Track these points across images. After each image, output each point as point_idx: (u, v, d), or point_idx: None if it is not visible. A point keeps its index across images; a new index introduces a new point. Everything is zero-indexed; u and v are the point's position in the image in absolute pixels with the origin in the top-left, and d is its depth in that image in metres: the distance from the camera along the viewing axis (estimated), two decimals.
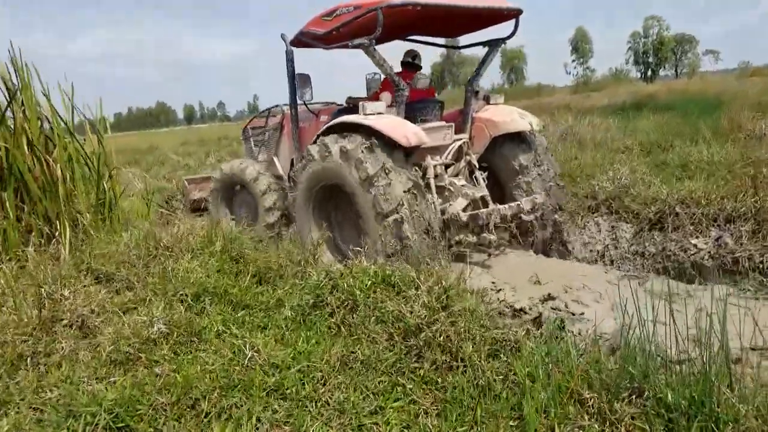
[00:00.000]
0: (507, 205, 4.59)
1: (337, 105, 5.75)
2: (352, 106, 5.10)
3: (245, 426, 2.16)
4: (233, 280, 3.53)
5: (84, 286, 3.47)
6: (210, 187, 6.22)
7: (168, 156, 17.74)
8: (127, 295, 3.39)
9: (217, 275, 3.52)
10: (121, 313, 3.11)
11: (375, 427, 2.21)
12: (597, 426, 1.99)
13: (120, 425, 2.19)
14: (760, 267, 3.85)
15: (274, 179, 5.64)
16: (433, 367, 2.57)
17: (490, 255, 4.79)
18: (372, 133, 4.15)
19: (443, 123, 4.93)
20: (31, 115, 4.46)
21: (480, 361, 2.53)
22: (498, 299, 3.79)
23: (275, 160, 5.76)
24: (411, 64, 5.18)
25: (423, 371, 2.53)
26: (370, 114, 4.30)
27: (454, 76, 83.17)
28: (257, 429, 2.18)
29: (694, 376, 1.94)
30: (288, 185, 5.12)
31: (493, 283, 4.06)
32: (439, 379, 2.48)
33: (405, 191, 4.03)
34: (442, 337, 2.67)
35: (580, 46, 76.27)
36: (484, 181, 4.79)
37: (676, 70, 71.58)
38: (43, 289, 3.27)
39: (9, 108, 4.32)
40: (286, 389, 2.43)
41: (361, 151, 4.10)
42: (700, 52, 68.31)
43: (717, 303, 3.47)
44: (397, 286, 3.22)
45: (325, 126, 4.62)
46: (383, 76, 4.96)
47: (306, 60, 24.15)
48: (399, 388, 2.45)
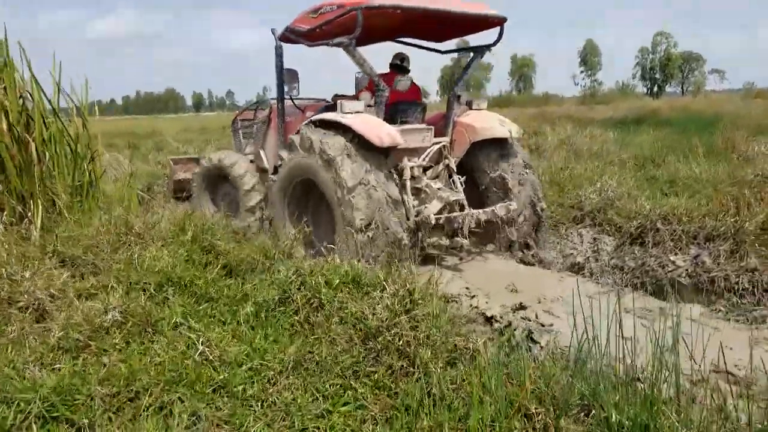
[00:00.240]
0: (482, 210, 4.59)
1: (325, 102, 5.72)
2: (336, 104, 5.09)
3: (184, 423, 2.09)
4: (201, 271, 3.47)
5: (48, 269, 3.40)
6: (195, 172, 6.18)
7: (167, 141, 17.69)
8: (91, 280, 3.32)
9: (184, 265, 3.45)
10: (79, 299, 3.05)
11: (321, 431, 2.16)
12: None
13: (54, 414, 2.13)
14: (735, 288, 3.80)
15: (259, 179, 5.63)
16: (389, 372, 2.51)
17: (461, 258, 4.77)
18: (348, 132, 4.13)
19: (423, 126, 4.92)
20: (11, 93, 4.40)
21: (436, 368, 2.47)
22: (470, 305, 3.75)
23: (261, 153, 5.73)
24: (399, 66, 5.17)
25: (377, 376, 2.48)
26: (348, 113, 4.29)
27: (465, 79, 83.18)
28: (196, 427, 2.12)
29: (640, 398, 1.88)
30: (272, 179, 5.10)
31: (467, 288, 4.00)
32: (393, 385, 2.42)
33: (378, 197, 4.02)
34: (401, 342, 2.61)
35: (589, 59, 76.34)
36: (462, 185, 4.77)
37: (683, 88, 71.66)
38: (4, 270, 3.21)
39: None
40: (234, 387, 2.37)
41: (339, 153, 4.08)
42: (706, 71, 68.40)
43: (688, 323, 3.42)
44: (365, 287, 3.17)
45: (303, 123, 4.61)
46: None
47: (306, 56, 24.08)
48: (350, 392, 2.39)
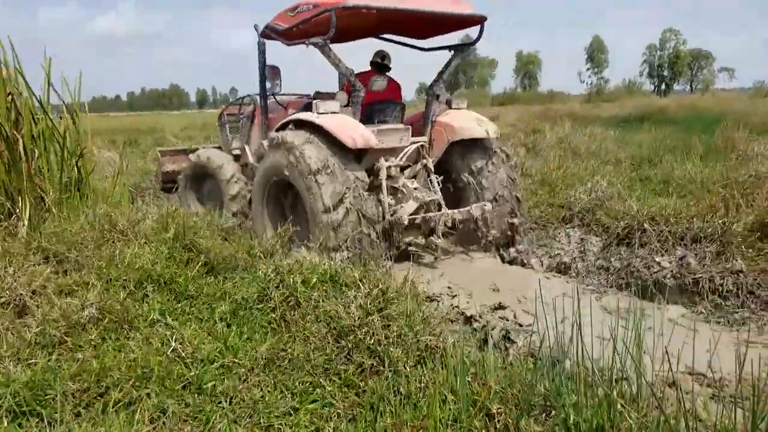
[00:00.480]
0: (457, 210, 4.63)
1: (308, 97, 5.74)
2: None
3: (145, 418, 2.11)
4: (182, 268, 3.49)
5: (32, 265, 3.44)
6: (182, 167, 6.22)
7: (167, 138, 17.78)
8: (73, 276, 3.35)
9: (165, 263, 3.48)
10: (60, 295, 3.08)
11: (284, 428, 2.18)
12: None
13: (25, 409, 2.16)
14: (720, 289, 3.79)
15: (245, 184, 5.67)
16: (359, 370, 2.54)
17: (445, 257, 4.81)
18: (322, 132, 4.17)
19: (401, 126, 4.94)
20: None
21: (405, 367, 2.49)
22: (451, 305, 3.76)
23: (246, 148, 5.77)
24: (380, 64, 5.17)
25: (347, 374, 2.49)
26: (323, 113, 4.31)
27: (468, 77, 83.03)
28: (163, 423, 2.15)
29: (598, 398, 1.88)
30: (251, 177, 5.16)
31: (450, 288, 4.01)
32: (362, 383, 2.44)
33: (346, 192, 4.06)
34: (372, 340, 2.63)
35: (596, 56, 75.95)
36: (439, 184, 4.80)
37: (691, 85, 71.17)
38: None
39: None
40: (204, 384, 2.39)
41: (306, 150, 4.13)
42: (715, 69, 67.86)
43: (668, 324, 3.41)
44: (344, 286, 3.19)
45: (279, 123, 4.65)
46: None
47: (291, 51, 23.99)
48: (319, 389, 2.41)
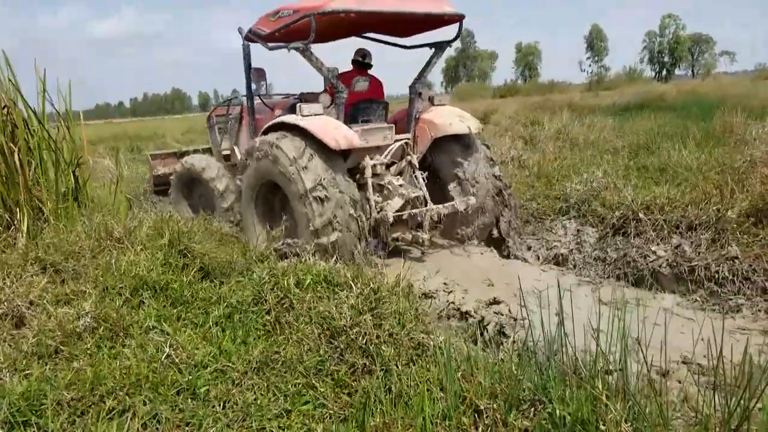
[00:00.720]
0: (443, 205, 4.75)
1: (294, 98, 5.78)
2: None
3: (136, 425, 2.14)
4: (177, 274, 3.52)
5: (29, 276, 3.48)
6: (174, 171, 6.27)
7: (169, 143, 17.85)
8: (71, 286, 3.39)
9: (161, 269, 3.51)
10: (57, 305, 3.11)
11: (275, 431, 2.20)
12: None
13: (21, 419, 2.19)
14: (715, 277, 3.78)
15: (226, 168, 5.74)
16: (351, 370, 2.56)
17: (423, 252, 4.94)
18: (306, 135, 4.23)
19: (384, 124, 5.03)
20: None
21: (397, 365, 2.51)
22: (447, 301, 3.78)
23: (235, 149, 5.84)
24: (361, 62, 5.22)
25: (340, 374, 2.52)
26: (307, 115, 4.37)
27: (468, 70, 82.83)
28: (156, 428, 2.17)
29: (584, 392, 1.89)
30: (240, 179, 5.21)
31: (446, 284, 4.02)
32: (354, 383, 2.46)
33: (337, 198, 4.14)
34: (364, 340, 2.65)
35: (596, 44, 75.54)
36: (424, 180, 4.89)
37: (693, 70, 70.69)
38: None
39: None
40: (198, 389, 2.42)
41: (295, 156, 4.19)
42: (716, 53, 67.37)
43: (662, 313, 3.42)
44: (339, 286, 3.21)
45: (265, 126, 4.71)
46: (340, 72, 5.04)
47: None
48: (312, 391, 2.43)
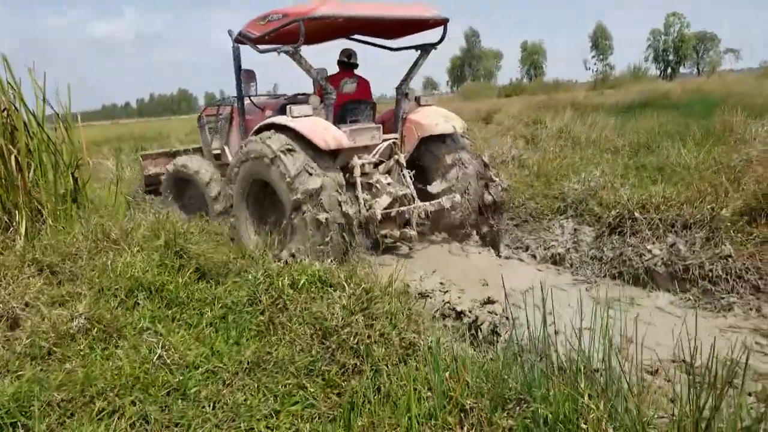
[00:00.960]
0: (429, 203, 4.86)
1: (284, 99, 5.85)
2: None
3: (123, 425, 2.16)
4: (173, 275, 3.54)
5: (26, 277, 3.51)
6: (164, 171, 6.31)
7: (173, 144, 17.89)
8: (67, 287, 3.42)
9: (156, 270, 3.53)
10: (53, 306, 3.14)
11: (265, 431, 2.22)
12: None
13: (11, 421, 2.21)
14: (709, 275, 3.77)
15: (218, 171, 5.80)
16: (342, 370, 2.57)
17: (411, 248, 5.05)
18: (297, 135, 4.33)
19: (372, 124, 5.15)
20: None
21: (387, 365, 2.52)
22: (443, 301, 3.78)
23: (226, 149, 5.91)
24: (347, 63, 5.32)
25: (330, 374, 2.53)
26: (297, 116, 4.45)
27: (474, 69, 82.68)
28: (145, 429, 2.19)
29: (566, 390, 1.90)
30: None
31: (442, 284, 4.02)
32: (344, 383, 2.47)
33: (324, 191, 4.22)
34: (355, 340, 2.66)
35: (600, 42, 75.26)
36: (412, 179, 5.00)
37: (698, 68, 70.34)
38: None
39: None
40: (189, 389, 2.44)
41: (282, 153, 4.28)
42: (721, 50, 67.02)
43: (656, 312, 3.42)
44: (332, 287, 3.22)
45: (256, 126, 4.78)
46: (329, 74, 5.21)
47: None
48: (302, 391, 2.45)
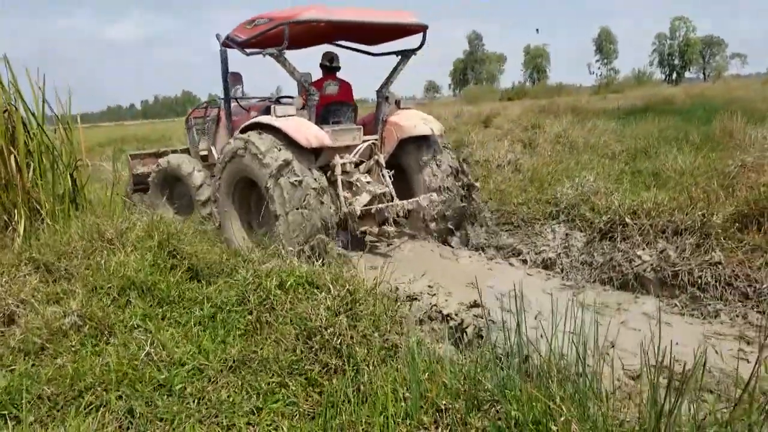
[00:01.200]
0: (407, 201, 5.10)
1: (269, 101, 6.03)
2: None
3: (106, 419, 2.22)
4: (165, 275, 3.61)
5: (23, 275, 3.58)
6: (152, 171, 6.38)
7: (174, 145, 18.02)
8: (62, 285, 3.49)
9: (149, 269, 3.59)
10: (48, 303, 3.21)
11: (245, 427, 2.27)
12: None
13: (3, 412, 2.28)
14: (698, 282, 3.80)
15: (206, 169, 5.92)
16: (324, 369, 2.62)
17: (389, 244, 5.28)
18: (280, 134, 4.51)
19: (353, 125, 5.37)
20: None
21: (368, 366, 2.57)
22: (430, 304, 3.83)
23: (213, 150, 6.04)
24: (328, 67, 5.50)
25: (313, 374, 2.58)
26: (281, 116, 4.62)
27: (476, 73, 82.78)
28: (130, 422, 2.26)
29: (536, 393, 1.94)
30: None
31: (430, 287, 4.08)
32: (326, 382, 2.53)
33: (295, 161, 4.44)
34: (338, 340, 2.71)
35: (605, 46, 75.22)
36: (391, 178, 5.22)
37: (704, 73, 70.18)
38: None
39: None
40: (175, 386, 2.50)
41: (254, 138, 4.52)
42: (727, 55, 66.83)
43: (641, 318, 3.46)
44: (318, 288, 3.28)
45: (242, 126, 4.93)
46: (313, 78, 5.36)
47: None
48: (284, 389, 2.50)
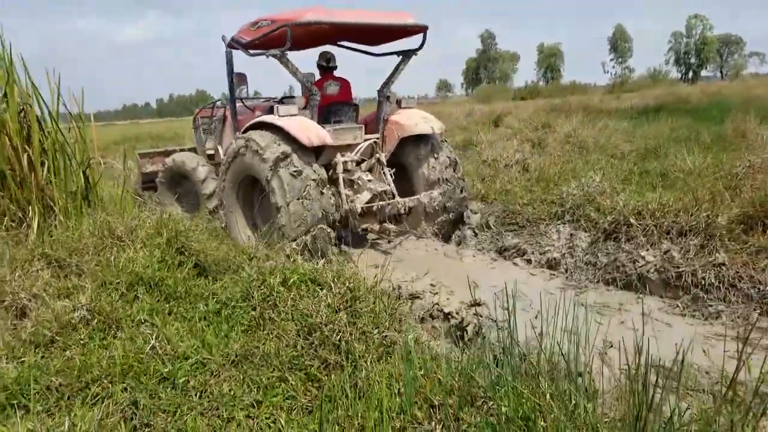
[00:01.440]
0: (408, 198, 5.20)
1: (274, 101, 6.09)
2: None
3: (109, 409, 2.30)
4: (172, 271, 3.69)
5: (35, 271, 3.69)
6: (160, 170, 6.50)
7: (187, 143, 18.22)
8: (73, 280, 3.59)
9: (157, 266, 3.68)
10: (59, 298, 3.30)
11: (244, 420, 2.34)
12: (439, 430, 2.07)
13: (13, 402, 2.37)
14: (702, 283, 3.80)
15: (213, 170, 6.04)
16: (324, 365, 2.68)
17: (391, 242, 5.37)
18: (283, 133, 4.62)
19: (354, 124, 5.46)
20: (12, 107, 4.73)
21: (366, 362, 2.63)
22: (432, 302, 3.87)
23: (219, 148, 6.17)
24: (325, 66, 5.61)
25: (312, 369, 2.64)
26: (284, 115, 4.73)
27: (489, 72, 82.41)
28: (133, 413, 2.33)
29: (525, 390, 1.98)
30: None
31: (433, 285, 4.11)
32: (324, 377, 2.58)
33: (294, 154, 4.55)
34: (338, 337, 2.77)
35: (619, 45, 74.45)
36: (392, 176, 5.30)
37: (722, 72, 69.18)
38: None
39: None
40: (179, 379, 2.57)
41: (266, 145, 4.60)
42: (746, 54, 65.82)
43: (640, 318, 3.46)
44: (320, 286, 3.34)
45: (246, 125, 5.06)
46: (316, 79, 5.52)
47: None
48: (284, 384, 2.57)
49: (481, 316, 3.54)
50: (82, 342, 2.86)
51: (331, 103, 5.45)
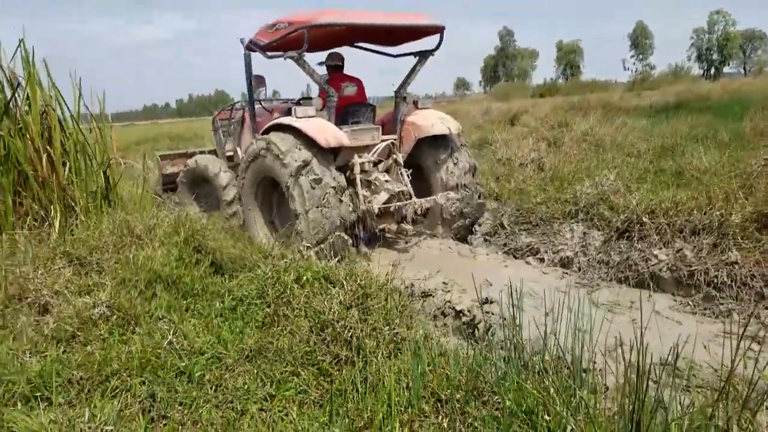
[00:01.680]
0: (425, 199, 5.21)
1: (291, 103, 6.18)
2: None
3: (131, 401, 2.38)
4: (189, 269, 3.79)
5: (58, 268, 3.81)
6: (181, 171, 6.59)
7: (206, 144, 18.47)
8: (93, 278, 3.70)
9: (174, 264, 3.78)
10: (80, 295, 3.41)
11: (257, 413, 2.41)
12: (446, 424, 2.11)
13: (36, 394, 2.47)
14: (714, 281, 3.78)
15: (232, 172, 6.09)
16: (335, 360, 2.74)
17: (407, 242, 5.41)
18: (300, 134, 4.67)
19: (371, 125, 5.48)
20: (34, 109, 4.87)
21: (377, 357, 2.68)
22: (444, 300, 3.92)
23: (238, 150, 6.28)
24: (333, 66, 5.68)
25: (324, 364, 2.70)
26: (301, 117, 4.78)
27: (508, 69, 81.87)
28: (151, 405, 2.42)
29: (529, 385, 2.01)
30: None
31: (445, 283, 4.15)
32: (336, 372, 2.64)
33: (314, 161, 4.61)
34: (349, 333, 2.83)
35: (640, 41, 73.42)
36: (409, 177, 5.33)
37: (745, 68, 67.84)
38: (18, 269, 3.63)
39: (12, 101, 4.74)
40: (195, 373, 2.65)
41: (287, 150, 4.64)
42: None
43: (654, 316, 3.47)
44: (333, 283, 3.41)
45: (265, 127, 5.12)
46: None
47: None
48: (296, 378, 2.63)
49: (492, 314, 3.57)
50: (102, 337, 2.96)
51: (349, 104, 5.50)
